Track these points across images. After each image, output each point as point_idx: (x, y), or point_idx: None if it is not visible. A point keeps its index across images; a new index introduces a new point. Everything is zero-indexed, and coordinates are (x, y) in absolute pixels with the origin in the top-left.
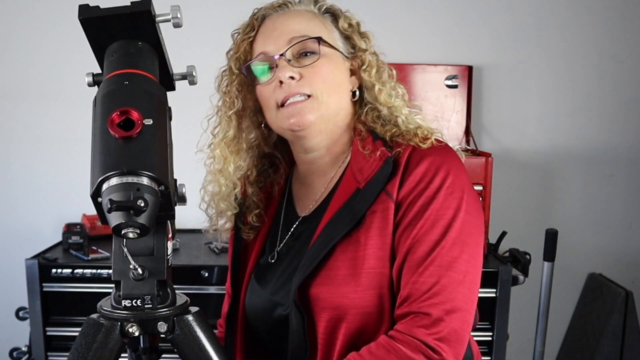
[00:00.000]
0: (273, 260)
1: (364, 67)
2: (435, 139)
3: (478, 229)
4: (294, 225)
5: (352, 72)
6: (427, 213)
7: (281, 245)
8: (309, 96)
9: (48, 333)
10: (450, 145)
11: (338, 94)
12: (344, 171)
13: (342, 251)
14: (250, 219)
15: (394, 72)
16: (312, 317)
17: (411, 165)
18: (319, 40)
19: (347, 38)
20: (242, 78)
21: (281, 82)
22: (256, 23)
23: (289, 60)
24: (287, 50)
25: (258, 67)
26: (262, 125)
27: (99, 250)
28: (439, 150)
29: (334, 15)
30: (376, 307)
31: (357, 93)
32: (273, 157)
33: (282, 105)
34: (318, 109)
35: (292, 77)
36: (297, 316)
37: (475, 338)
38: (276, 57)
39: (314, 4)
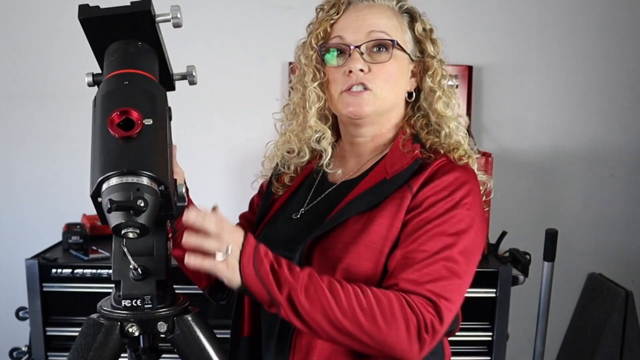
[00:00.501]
0: (297, 217)
1: (429, 72)
2: (468, 161)
3: (480, 251)
4: (327, 191)
5: (413, 74)
6: (446, 217)
7: (310, 205)
8: (368, 89)
9: (48, 333)
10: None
11: (395, 93)
12: (379, 161)
13: (353, 223)
14: (284, 179)
15: (455, 82)
16: None
17: (440, 172)
18: (394, 43)
19: (418, 41)
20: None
21: (350, 71)
22: (342, 7)
23: (362, 53)
24: (363, 44)
25: (331, 49)
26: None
27: (99, 250)
28: (469, 170)
29: (412, 16)
30: (365, 280)
31: (414, 95)
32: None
33: (346, 90)
34: (374, 104)
35: (361, 70)
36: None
37: (475, 338)
38: (352, 47)
39: (397, 1)
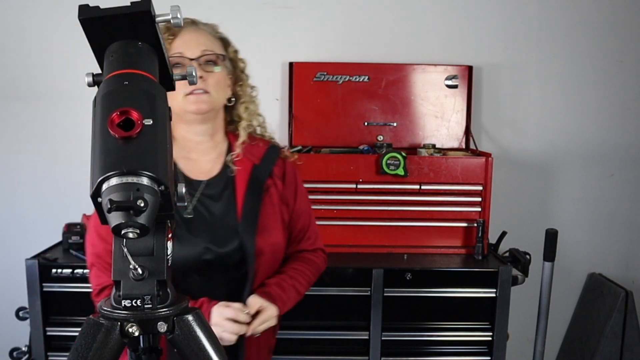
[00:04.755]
0: (192, 216)
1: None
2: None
3: None
4: (201, 188)
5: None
6: None
7: (194, 203)
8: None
9: (48, 333)
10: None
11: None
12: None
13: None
14: None
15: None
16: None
17: None
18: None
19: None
20: None
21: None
22: None
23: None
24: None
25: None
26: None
27: None
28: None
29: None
30: (284, 247)
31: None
32: None
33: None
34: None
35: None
36: (251, 257)
37: (475, 338)
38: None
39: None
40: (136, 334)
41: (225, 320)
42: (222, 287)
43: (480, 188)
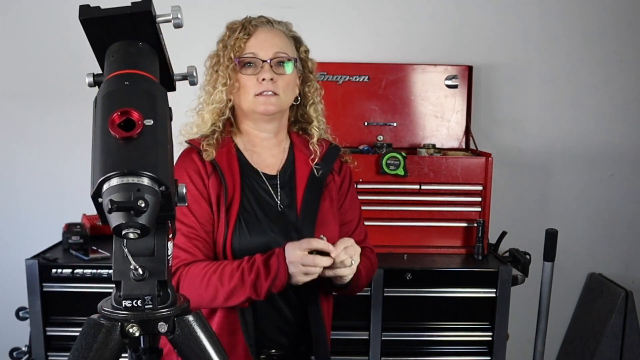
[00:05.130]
0: (281, 210)
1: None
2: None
3: None
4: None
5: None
6: None
7: (279, 198)
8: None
9: (48, 333)
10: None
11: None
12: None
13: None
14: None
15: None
16: None
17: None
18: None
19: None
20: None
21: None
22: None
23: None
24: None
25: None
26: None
27: (99, 250)
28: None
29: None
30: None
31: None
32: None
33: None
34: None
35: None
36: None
37: (475, 338)
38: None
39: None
40: (137, 334)
41: (300, 252)
42: None
43: (480, 188)
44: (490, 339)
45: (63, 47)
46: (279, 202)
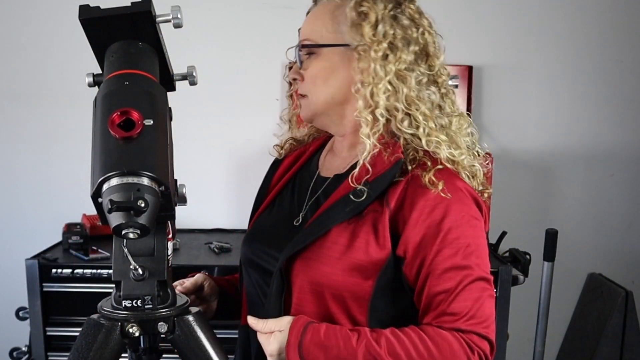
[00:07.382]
0: (298, 224)
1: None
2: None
3: (486, 252)
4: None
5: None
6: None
7: (307, 207)
8: (303, 95)
9: (48, 333)
10: None
11: (326, 91)
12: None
13: (337, 234)
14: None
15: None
16: (290, 285)
17: (418, 191)
18: (309, 46)
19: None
20: None
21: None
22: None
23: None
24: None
25: None
26: None
27: (99, 250)
28: (449, 178)
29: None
30: (351, 294)
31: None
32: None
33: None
34: (309, 108)
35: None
36: (278, 282)
37: None
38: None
39: None
40: (136, 334)
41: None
42: (263, 292)
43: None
44: None
45: (63, 47)
46: (302, 213)
